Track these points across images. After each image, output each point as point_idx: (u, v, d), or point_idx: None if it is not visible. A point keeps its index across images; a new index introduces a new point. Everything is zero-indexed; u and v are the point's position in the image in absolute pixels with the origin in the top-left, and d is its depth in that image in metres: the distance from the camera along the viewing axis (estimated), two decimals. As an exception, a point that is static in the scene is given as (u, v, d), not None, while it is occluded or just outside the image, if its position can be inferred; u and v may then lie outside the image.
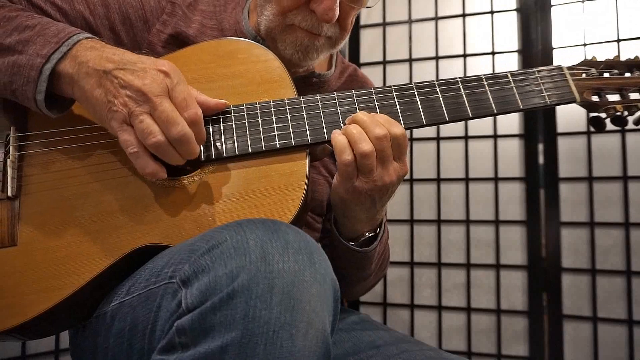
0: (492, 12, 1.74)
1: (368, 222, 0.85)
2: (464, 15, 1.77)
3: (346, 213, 0.84)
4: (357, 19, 1.86)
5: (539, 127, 1.64)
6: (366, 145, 0.74)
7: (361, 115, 0.76)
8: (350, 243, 0.88)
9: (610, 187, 1.56)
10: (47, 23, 0.73)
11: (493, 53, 1.73)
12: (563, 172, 1.61)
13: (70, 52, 0.69)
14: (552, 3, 1.65)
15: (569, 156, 1.61)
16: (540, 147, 1.63)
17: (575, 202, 1.59)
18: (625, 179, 1.54)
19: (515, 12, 1.71)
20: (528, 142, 1.65)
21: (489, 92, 0.81)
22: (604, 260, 1.55)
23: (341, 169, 0.77)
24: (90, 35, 0.73)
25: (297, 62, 0.88)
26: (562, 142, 1.61)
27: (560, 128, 1.61)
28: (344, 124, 0.78)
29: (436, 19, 1.80)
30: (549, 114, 1.62)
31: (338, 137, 0.76)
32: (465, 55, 1.75)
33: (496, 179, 1.68)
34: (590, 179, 1.58)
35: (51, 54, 0.69)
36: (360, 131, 0.75)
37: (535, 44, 1.65)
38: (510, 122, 1.69)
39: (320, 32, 0.86)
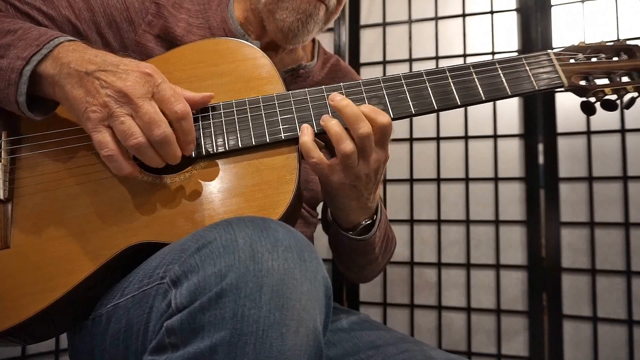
0: (492, 12, 1.73)
1: (361, 210, 0.85)
2: (464, 15, 1.76)
3: (337, 205, 0.84)
4: (357, 19, 1.88)
5: (539, 127, 1.64)
6: (348, 146, 0.74)
7: (348, 108, 0.73)
8: (350, 233, 0.87)
9: (610, 187, 1.55)
10: (29, 28, 0.73)
11: (493, 53, 1.72)
12: (563, 172, 1.60)
13: (52, 53, 0.70)
14: (552, 3, 1.65)
15: (569, 156, 1.60)
16: (540, 147, 1.63)
17: (575, 202, 1.59)
18: (625, 179, 1.54)
19: (515, 12, 1.71)
20: (528, 142, 1.65)
21: (476, 79, 0.81)
22: (604, 260, 1.54)
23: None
24: (72, 38, 0.73)
25: (294, 32, 0.89)
26: (562, 142, 1.61)
27: (560, 128, 1.61)
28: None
29: (436, 19, 1.79)
30: (548, 113, 1.62)
31: (309, 143, 0.75)
32: (465, 55, 1.75)
33: (496, 179, 1.68)
34: (590, 179, 1.57)
35: (31, 56, 0.69)
36: (341, 131, 0.74)
37: (535, 43, 1.65)
38: (510, 122, 1.68)
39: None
